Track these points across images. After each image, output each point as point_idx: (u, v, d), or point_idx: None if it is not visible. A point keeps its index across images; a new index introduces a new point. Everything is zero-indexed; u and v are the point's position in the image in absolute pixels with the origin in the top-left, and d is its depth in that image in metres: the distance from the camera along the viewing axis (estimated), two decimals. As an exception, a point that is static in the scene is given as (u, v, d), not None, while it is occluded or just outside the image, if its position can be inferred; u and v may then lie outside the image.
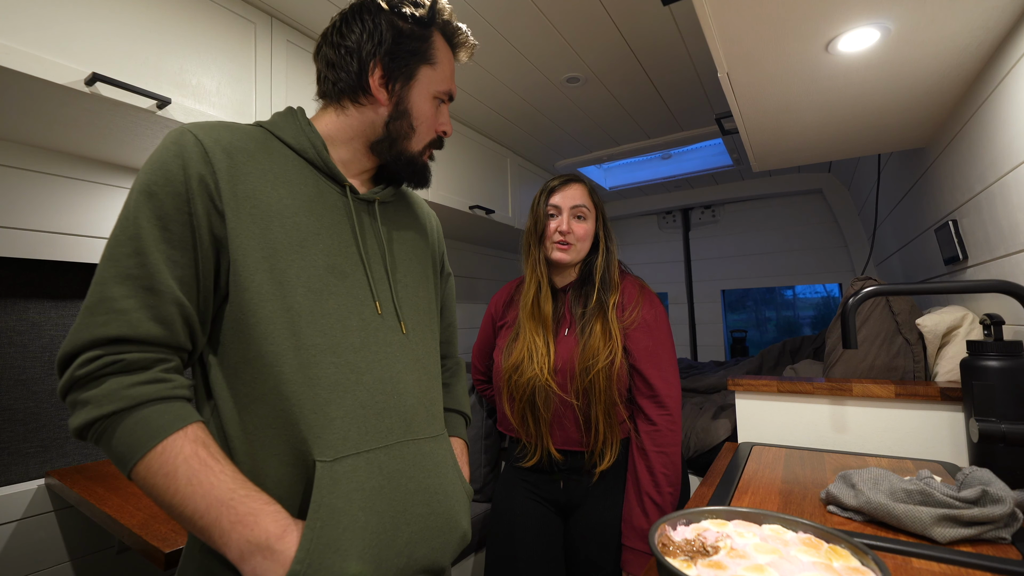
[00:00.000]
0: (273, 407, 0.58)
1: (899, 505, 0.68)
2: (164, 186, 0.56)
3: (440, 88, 0.73)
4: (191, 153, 0.58)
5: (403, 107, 0.70)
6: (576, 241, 1.18)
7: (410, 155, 0.73)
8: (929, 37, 0.92)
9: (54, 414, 1.27)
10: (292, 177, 0.65)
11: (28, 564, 1.17)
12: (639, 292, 1.19)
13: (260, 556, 0.52)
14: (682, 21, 1.51)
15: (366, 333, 0.65)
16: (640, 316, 1.16)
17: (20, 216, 1.20)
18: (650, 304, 1.18)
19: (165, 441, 0.52)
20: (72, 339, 0.53)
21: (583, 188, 1.21)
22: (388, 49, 0.69)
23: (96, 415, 0.51)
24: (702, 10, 0.85)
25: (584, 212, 1.19)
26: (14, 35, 0.91)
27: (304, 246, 0.62)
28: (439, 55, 0.73)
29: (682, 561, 0.51)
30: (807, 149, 1.53)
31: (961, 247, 1.25)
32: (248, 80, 1.31)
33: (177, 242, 0.56)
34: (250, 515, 0.53)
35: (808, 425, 1.16)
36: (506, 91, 1.91)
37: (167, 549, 0.78)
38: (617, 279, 1.20)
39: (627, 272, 1.26)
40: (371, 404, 0.63)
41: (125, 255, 0.54)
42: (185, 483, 0.52)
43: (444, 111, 0.76)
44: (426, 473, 0.67)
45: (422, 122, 0.72)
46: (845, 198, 2.84)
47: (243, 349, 0.58)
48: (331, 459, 0.58)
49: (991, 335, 0.91)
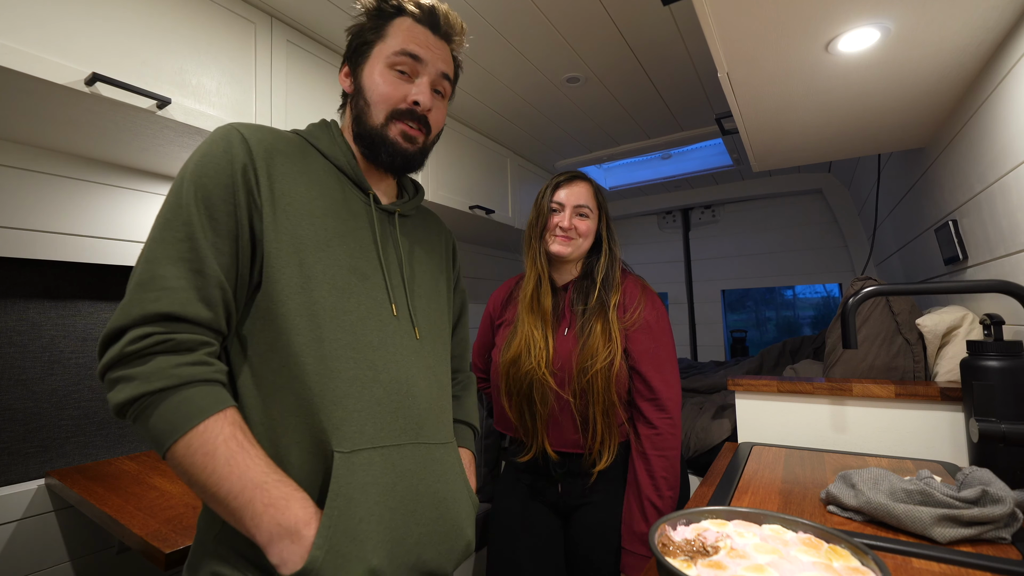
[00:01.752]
0: (297, 395, 0.60)
1: (899, 505, 0.68)
2: (213, 177, 0.59)
3: (390, 51, 0.71)
4: (238, 149, 0.61)
5: (358, 86, 0.73)
6: (577, 236, 1.17)
7: (371, 129, 0.72)
8: (929, 37, 0.92)
9: (54, 414, 1.27)
10: (323, 181, 0.68)
11: (28, 564, 1.17)
12: (641, 292, 1.18)
13: (288, 540, 0.54)
14: (682, 21, 1.51)
15: (384, 334, 0.67)
16: (642, 317, 1.14)
17: (20, 216, 1.19)
18: (652, 305, 1.17)
19: (207, 421, 0.54)
20: (123, 314, 0.55)
21: (588, 187, 1.20)
22: (352, 47, 0.75)
23: (143, 391, 0.53)
24: (702, 10, 0.85)
25: (587, 211, 1.18)
26: (14, 35, 0.91)
27: (330, 246, 0.65)
28: (391, 29, 0.73)
29: (682, 561, 0.51)
30: (807, 149, 1.53)
31: (961, 247, 1.25)
32: (248, 80, 1.31)
33: (222, 230, 0.59)
34: (282, 499, 0.55)
35: (808, 425, 1.16)
36: (506, 91, 1.91)
37: (167, 549, 0.78)
38: (619, 279, 1.18)
39: (629, 272, 1.25)
40: (386, 402, 0.65)
41: (177, 239, 0.57)
42: (223, 463, 0.54)
43: (413, 83, 0.72)
44: (435, 478, 0.68)
45: (372, 92, 0.71)
46: (845, 198, 2.84)
47: (272, 338, 0.60)
48: (348, 451, 0.60)
49: (991, 335, 0.92)
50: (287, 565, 0.54)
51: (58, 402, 1.27)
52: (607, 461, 1.10)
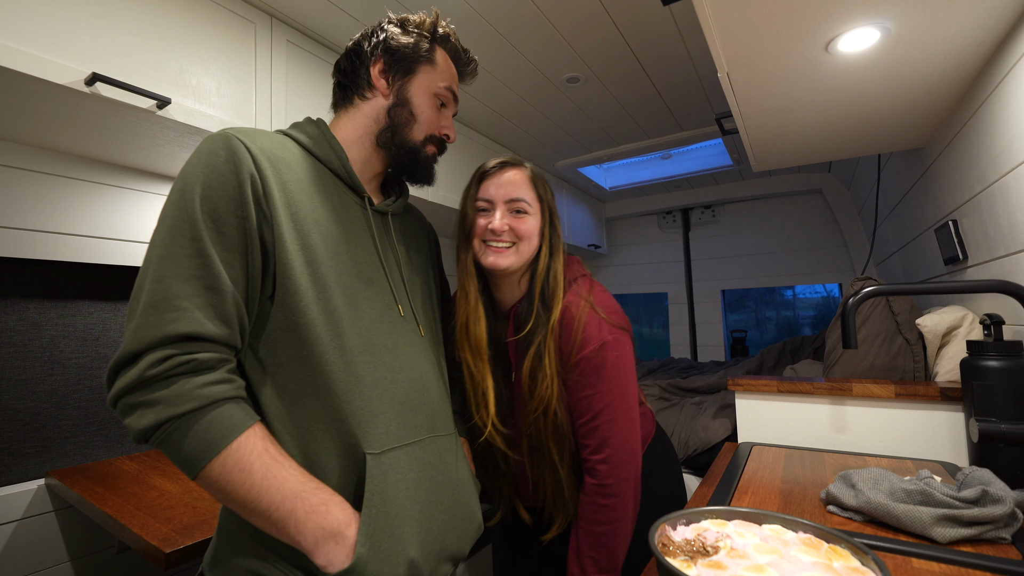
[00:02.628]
0: (323, 403, 0.61)
1: (899, 505, 0.68)
2: (218, 189, 0.58)
3: (440, 84, 0.77)
4: (242, 159, 0.60)
5: (403, 97, 0.75)
6: (516, 240, 0.88)
7: (412, 144, 0.76)
8: (929, 37, 0.92)
9: (54, 414, 1.27)
10: (321, 187, 0.69)
11: (28, 564, 1.17)
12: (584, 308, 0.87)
13: (332, 542, 0.57)
14: (682, 21, 1.51)
15: (396, 336, 0.70)
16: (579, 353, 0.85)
17: (20, 216, 1.19)
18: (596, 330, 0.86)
19: (239, 439, 0.55)
20: (137, 337, 0.53)
21: (523, 174, 0.91)
22: (387, 48, 0.75)
23: (169, 415, 0.52)
24: (702, 10, 0.85)
25: (525, 206, 0.89)
26: (14, 35, 0.91)
27: (337, 253, 0.66)
28: (439, 58, 0.78)
29: (682, 561, 0.51)
30: (807, 149, 1.53)
31: (961, 247, 1.25)
32: (248, 80, 1.31)
33: (231, 244, 0.58)
34: (322, 505, 0.57)
35: (808, 425, 1.16)
36: (506, 91, 1.91)
37: (167, 549, 0.78)
38: (560, 291, 0.89)
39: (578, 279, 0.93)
40: (407, 401, 0.68)
41: (187, 255, 0.56)
42: (261, 478, 0.55)
43: (447, 116, 0.80)
44: (449, 467, 0.72)
45: (422, 112, 0.75)
46: (845, 198, 2.84)
47: (295, 349, 0.61)
48: (378, 451, 0.62)
49: (991, 335, 0.92)
50: (334, 565, 0.56)
51: (58, 402, 1.27)
52: (559, 528, 0.91)
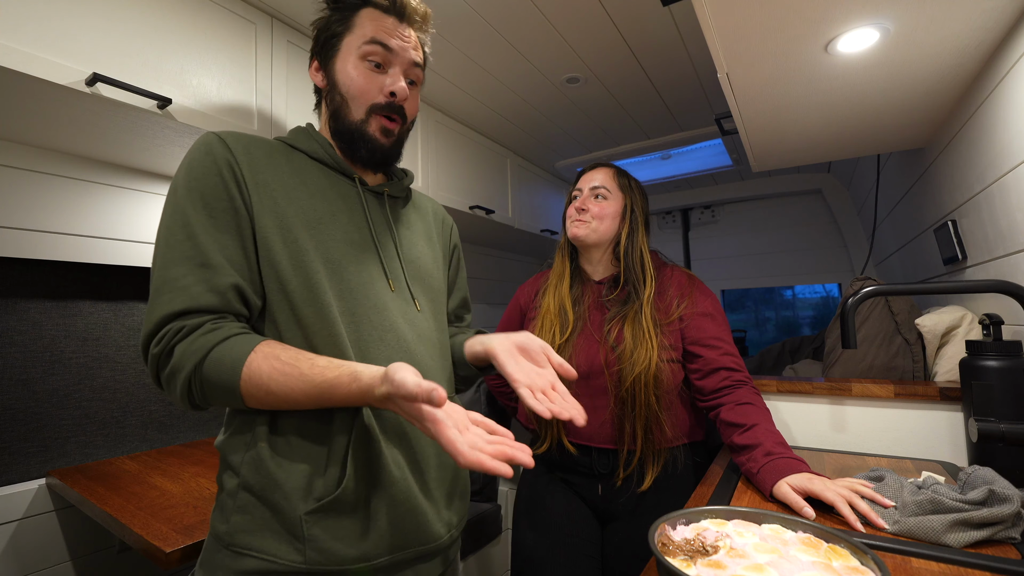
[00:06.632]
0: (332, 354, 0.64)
1: (909, 519, 0.67)
2: (201, 179, 0.63)
3: (360, 41, 0.71)
4: (217, 149, 0.65)
5: (331, 80, 0.73)
6: (592, 219, 1.12)
7: (350, 125, 0.72)
8: (929, 37, 0.92)
9: (55, 414, 1.27)
10: (305, 172, 0.71)
11: (28, 564, 1.17)
12: (688, 281, 1.12)
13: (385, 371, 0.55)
14: (682, 21, 1.51)
15: (382, 302, 0.70)
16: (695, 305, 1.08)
17: (21, 216, 1.19)
18: (703, 294, 1.11)
19: (257, 347, 0.59)
20: (147, 321, 0.60)
21: (607, 171, 1.17)
22: (315, 40, 0.75)
23: (185, 376, 0.58)
24: (702, 10, 0.85)
25: (604, 192, 1.13)
26: (14, 35, 0.91)
27: (320, 224, 0.68)
28: (358, 20, 0.72)
29: (682, 560, 0.51)
30: (806, 149, 1.53)
31: (960, 247, 1.25)
32: (248, 80, 1.31)
33: (222, 225, 0.62)
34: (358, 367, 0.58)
35: (808, 425, 1.16)
36: (506, 91, 1.91)
37: (168, 548, 0.78)
38: (650, 269, 1.11)
39: (668, 263, 1.19)
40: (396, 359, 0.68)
41: (179, 241, 0.61)
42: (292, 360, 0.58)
43: (391, 75, 0.72)
44: None
45: (349, 87, 0.71)
46: (844, 198, 2.84)
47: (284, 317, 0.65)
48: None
49: (990, 335, 0.92)
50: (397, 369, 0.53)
51: (59, 402, 1.28)
52: (649, 481, 1.02)
